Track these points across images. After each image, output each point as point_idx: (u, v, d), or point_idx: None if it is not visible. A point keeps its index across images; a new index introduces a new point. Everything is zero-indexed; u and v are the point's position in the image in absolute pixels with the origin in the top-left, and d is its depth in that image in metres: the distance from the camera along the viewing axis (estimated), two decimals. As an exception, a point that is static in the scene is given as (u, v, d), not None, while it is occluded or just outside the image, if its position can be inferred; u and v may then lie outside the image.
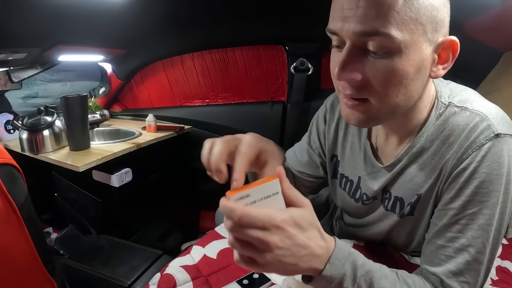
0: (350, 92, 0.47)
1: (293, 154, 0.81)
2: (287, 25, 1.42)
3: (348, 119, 0.51)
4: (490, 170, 0.48)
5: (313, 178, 0.80)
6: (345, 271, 0.42)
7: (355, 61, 0.45)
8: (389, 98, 0.46)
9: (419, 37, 0.43)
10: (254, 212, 0.36)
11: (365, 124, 0.52)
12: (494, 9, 0.98)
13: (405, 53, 0.43)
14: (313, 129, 0.79)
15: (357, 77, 0.45)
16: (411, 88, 0.47)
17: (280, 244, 0.37)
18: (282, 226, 0.37)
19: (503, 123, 0.50)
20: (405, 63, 0.44)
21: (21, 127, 1.24)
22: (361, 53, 0.45)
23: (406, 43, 0.42)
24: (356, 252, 0.45)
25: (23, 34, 1.14)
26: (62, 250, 1.33)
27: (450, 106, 0.53)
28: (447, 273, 0.50)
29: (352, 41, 0.44)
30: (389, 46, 0.42)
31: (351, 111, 0.50)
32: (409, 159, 0.57)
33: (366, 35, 0.42)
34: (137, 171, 1.36)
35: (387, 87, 0.45)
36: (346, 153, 0.71)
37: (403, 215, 0.61)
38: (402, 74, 0.44)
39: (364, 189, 0.68)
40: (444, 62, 0.48)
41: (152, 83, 1.85)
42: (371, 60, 0.44)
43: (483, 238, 0.49)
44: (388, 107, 0.48)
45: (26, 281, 0.67)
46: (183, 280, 0.66)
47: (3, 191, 0.59)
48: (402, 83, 0.45)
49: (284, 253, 0.38)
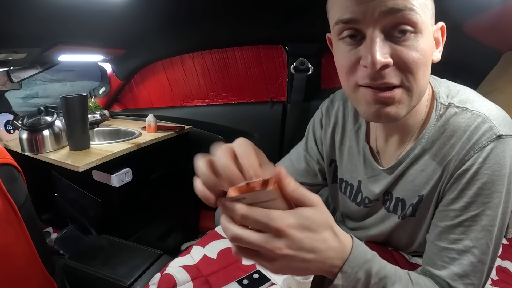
0: (383, 80, 0.44)
1: (289, 162, 0.80)
2: (287, 25, 1.42)
3: (377, 115, 0.47)
4: (492, 172, 0.48)
5: (311, 187, 0.78)
6: (358, 279, 0.40)
7: (383, 46, 0.43)
8: (420, 80, 0.46)
9: (429, 19, 0.45)
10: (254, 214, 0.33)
11: (398, 117, 0.48)
12: (494, 9, 0.97)
13: (424, 33, 0.44)
14: (310, 135, 0.77)
15: (390, 62, 0.43)
16: (429, 72, 0.47)
17: (285, 251, 0.34)
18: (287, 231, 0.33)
19: (504, 124, 0.49)
20: (426, 43, 0.45)
21: (21, 127, 1.24)
22: (386, 38, 0.44)
23: (425, 23, 0.44)
24: (373, 258, 0.42)
25: (23, 34, 1.14)
26: (62, 250, 1.33)
27: (451, 107, 0.53)
28: (453, 276, 0.49)
29: (377, 25, 0.43)
30: (415, 23, 0.43)
31: (380, 105, 0.46)
32: (411, 161, 0.57)
33: (394, 12, 0.41)
34: (137, 171, 1.36)
35: (419, 67, 0.44)
36: (344, 158, 0.71)
37: (404, 216, 0.61)
38: (427, 55, 0.45)
39: (365, 192, 0.67)
40: (438, 46, 0.50)
41: (152, 83, 1.85)
42: (401, 41, 0.43)
43: (486, 239, 0.49)
44: (418, 91, 0.47)
45: (26, 281, 0.67)
46: (183, 280, 0.66)
47: (3, 191, 0.59)
48: (427, 64, 0.46)
49: (291, 259, 0.35)
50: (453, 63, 1.21)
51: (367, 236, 0.72)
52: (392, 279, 0.43)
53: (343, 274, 0.39)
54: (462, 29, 1.08)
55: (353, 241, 0.41)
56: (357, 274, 0.40)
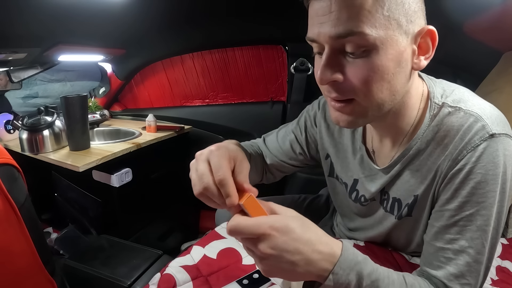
0: (335, 94, 0.48)
1: (275, 138, 0.81)
2: (287, 25, 1.43)
3: (337, 121, 0.52)
4: (485, 171, 0.48)
5: (291, 166, 0.80)
6: (349, 281, 0.42)
7: (335, 64, 0.46)
8: (374, 95, 0.47)
9: (393, 31, 0.44)
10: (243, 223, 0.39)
11: (354, 125, 0.52)
12: (494, 9, 0.97)
13: (382, 48, 0.44)
14: (302, 122, 0.79)
15: (338, 79, 0.46)
16: (395, 82, 0.47)
17: (269, 251, 0.39)
18: (269, 233, 0.39)
19: (497, 123, 0.49)
20: (384, 59, 0.44)
21: (21, 127, 1.24)
22: (340, 56, 0.46)
23: (381, 39, 0.43)
24: (364, 260, 0.44)
25: (23, 34, 1.14)
26: (62, 250, 1.33)
27: (444, 107, 0.53)
28: (449, 276, 0.50)
29: (330, 45, 0.45)
30: (365, 45, 0.43)
31: (339, 113, 0.51)
32: (406, 161, 0.57)
33: (342, 37, 0.43)
34: (137, 171, 1.35)
35: (369, 84, 0.45)
36: (339, 156, 0.71)
37: (401, 217, 0.61)
38: (382, 70, 0.45)
39: (362, 191, 0.68)
40: (425, 52, 0.49)
41: (152, 83, 1.85)
42: (350, 61, 0.45)
43: (482, 239, 0.49)
44: (375, 104, 0.48)
45: (26, 281, 0.67)
46: (183, 280, 0.66)
47: (3, 191, 0.59)
48: (384, 78, 0.46)
49: (277, 259, 0.39)
50: (453, 63, 1.21)
51: (366, 237, 0.73)
52: (385, 281, 0.44)
53: (334, 276, 0.41)
54: (462, 29, 1.08)
55: (342, 244, 0.43)
56: (349, 276, 0.41)
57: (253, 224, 0.39)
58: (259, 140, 0.85)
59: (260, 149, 0.81)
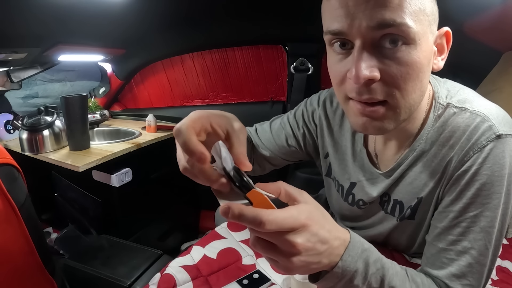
0: (367, 96, 0.43)
1: (268, 129, 0.78)
2: (287, 25, 1.42)
3: (365, 128, 0.47)
4: (491, 172, 0.47)
5: (283, 160, 0.78)
6: (357, 268, 0.40)
7: (370, 59, 0.42)
8: (409, 95, 0.44)
9: (426, 27, 0.43)
10: (281, 215, 0.33)
11: (384, 131, 0.47)
12: (494, 9, 0.97)
13: (419, 44, 0.42)
14: (299, 117, 0.76)
15: (376, 77, 0.42)
16: (424, 82, 0.46)
17: (307, 244, 0.35)
18: (308, 223, 0.35)
19: (504, 124, 0.49)
20: (421, 55, 0.42)
21: (21, 127, 1.24)
22: (375, 50, 0.42)
23: (419, 34, 0.41)
24: (370, 248, 0.43)
25: (23, 34, 1.14)
26: (62, 250, 1.34)
27: (449, 107, 0.52)
28: (450, 277, 0.49)
29: (364, 38, 0.41)
30: (406, 37, 0.41)
31: (368, 119, 0.46)
32: (410, 163, 0.56)
33: (382, 27, 0.40)
34: (137, 171, 1.36)
35: (407, 82, 0.43)
36: (337, 157, 0.70)
37: (403, 218, 0.61)
38: (419, 67, 0.43)
39: (360, 195, 0.66)
40: (441, 53, 0.48)
41: (152, 83, 1.85)
42: (388, 55, 0.42)
43: (485, 240, 0.48)
44: (407, 106, 0.45)
45: (26, 281, 0.67)
46: (183, 280, 0.66)
47: (3, 191, 0.59)
48: (419, 76, 0.43)
49: (310, 253, 0.36)
50: (453, 63, 1.21)
51: (365, 236, 0.72)
52: (390, 271, 0.44)
53: (342, 263, 0.40)
54: (462, 29, 1.08)
55: (350, 234, 0.42)
56: (356, 263, 0.41)
57: (290, 216, 0.34)
58: (251, 128, 0.82)
59: (250, 138, 0.79)
